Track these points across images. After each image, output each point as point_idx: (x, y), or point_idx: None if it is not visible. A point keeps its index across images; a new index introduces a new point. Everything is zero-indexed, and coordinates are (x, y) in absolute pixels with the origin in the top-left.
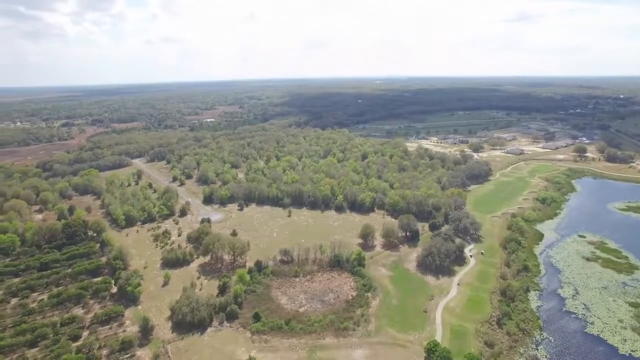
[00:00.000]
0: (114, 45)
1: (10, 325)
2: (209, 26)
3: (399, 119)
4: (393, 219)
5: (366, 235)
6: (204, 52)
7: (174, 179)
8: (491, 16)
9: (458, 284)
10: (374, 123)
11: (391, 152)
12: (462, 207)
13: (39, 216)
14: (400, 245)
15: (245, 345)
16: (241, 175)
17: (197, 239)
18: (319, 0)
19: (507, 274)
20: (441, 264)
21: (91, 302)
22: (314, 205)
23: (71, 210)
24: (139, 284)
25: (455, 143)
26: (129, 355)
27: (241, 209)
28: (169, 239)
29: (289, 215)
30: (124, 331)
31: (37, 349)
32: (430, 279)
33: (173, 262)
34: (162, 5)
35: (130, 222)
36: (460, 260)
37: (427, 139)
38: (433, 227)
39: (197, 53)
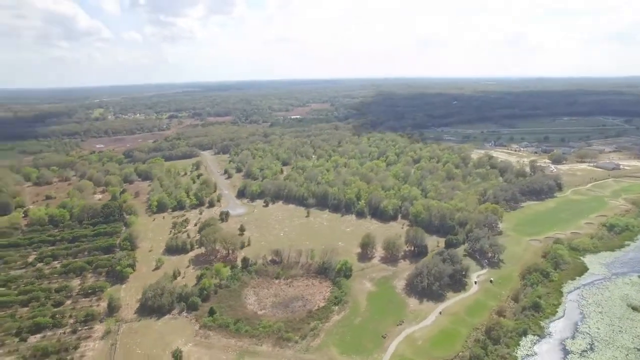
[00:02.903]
0: (235, 45)
1: (22, 286)
2: (321, 26)
3: (487, 123)
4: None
5: (366, 245)
6: (316, 50)
7: (225, 172)
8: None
9: (440, 313)
10: (458, 126)
11: (447, 159)
12: (494, 225)
13: (99, 196)
14: (402, 260)
15: (186, 337)
16: (288, 172)
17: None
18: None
19: (506, 310)
20: (430, 287)
21: (89, 275)
22: (336, 208)
23: (122, 192)
24: (129, 265)
25: (536, 152)
26: (88, 327)
27: (266, 206)
28: (185, 228)
29: (306, 216)
30: (98, 305)
31: (27, 308)
32: (412, 301)
33: (174, 249)
34: (279, 6)
35: (161, 208)
36: (459, 285)
37: (504, 146)
38: (449, 244)
39: (310, 52)
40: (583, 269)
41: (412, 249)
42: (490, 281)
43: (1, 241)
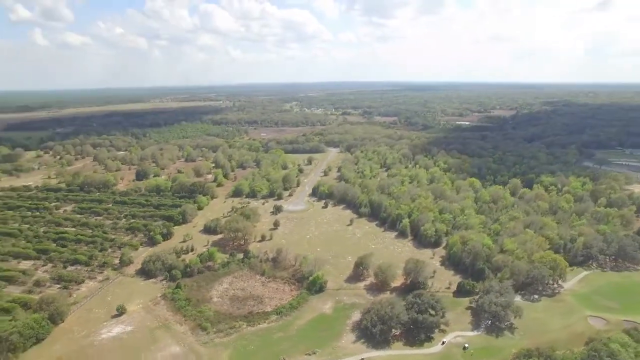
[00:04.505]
0: (443, 45)
1: (100, 232)
2: (544, 23)
3: None
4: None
5: (359, 266)
6: (540, 51)
7: (329, 170)
8: None
9: (362, 359)
10: None
11: (573, 187)
12: (544, 282)
13: (211, 176)
14: (388, 292)
15: (145, 300)
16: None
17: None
18: None
19: None
20: (372, 329)
21: (139, 234)
22: (383, 221)
23: (224, 176)
24: (161, 233)
25: None
26: (100, 271)
27: (325, 207)
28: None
29: (348, 224)
30: (117, 258)
31: (87, 247)
32: (348, 337)
33: (208, 230)
34: (491, 4)
35: (237, 194)
36: (418, 339)
37: None
38: (460, 290)
39: (530, 52)
40: None
41: (407, 281)
42: (464, 347)
43: (118, 198)
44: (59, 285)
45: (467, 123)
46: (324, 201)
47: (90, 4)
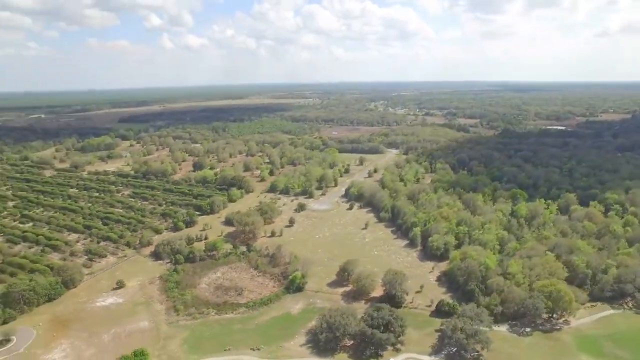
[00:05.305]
0: (560, 40)
1: (140, 215)
2: None
3: None
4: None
5: (343, 271)
6: None
7: (375, 171)
8: None
9: None
10: None
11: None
12: (536, 312)
13: (257, 171)
14: (363, 301)
15: (144, 277)
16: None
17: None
18: None
19: None
20: (319, 336)
21: (169, 220)
22: (399, 228)
23: (271, 172)
24: (184, 221)
25: None
26: (122, 250)
27: (349, 209)
28: None
29: (363, 228)
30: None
31: (122, 227)
32: (298, 340)
33: (229, 222)
34: None
35: (272, 189)
36: (367, 355)
37: None
38: (439, 310)
39: None
40: None
41: (385, 294)
42: None
43: (168, 186)
44: (86, 257)
45: (560, 127)
46: (350, 203)
47: (207, 9)
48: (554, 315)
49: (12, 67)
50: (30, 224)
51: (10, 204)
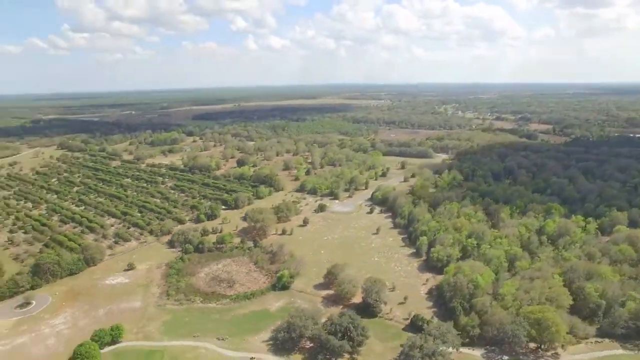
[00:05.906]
0: None
1: (170, 205)
2: None
3: None
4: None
5: (329, 275)
6: None
7: (412, 176)
8: None
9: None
10: None
11: None
12: (515, 340)
13: (288, 171)
14: (342, 306)
15: (154, 262)
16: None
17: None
18: None
19: None
20: (277, 334)
21: (195, 211)
22: (410, 236)
23: (307, 172)
24: (205, 214)
25: None
26: (144, 236)
27: (370, 212)
28: None
29: (374, 233)
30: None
31: (150, 215)
32: (262, 336)
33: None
34: None
35: (302, 189)
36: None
37: None
38: (413, 324)
39: None
40: None
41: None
42: None
43: (206, 180)
44: (114, 240)
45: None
46: (372, 206)
47: (288, 11)
48: (542, 347)
49: (122, 69)
50: (83, 207)
51: (75, 189)
